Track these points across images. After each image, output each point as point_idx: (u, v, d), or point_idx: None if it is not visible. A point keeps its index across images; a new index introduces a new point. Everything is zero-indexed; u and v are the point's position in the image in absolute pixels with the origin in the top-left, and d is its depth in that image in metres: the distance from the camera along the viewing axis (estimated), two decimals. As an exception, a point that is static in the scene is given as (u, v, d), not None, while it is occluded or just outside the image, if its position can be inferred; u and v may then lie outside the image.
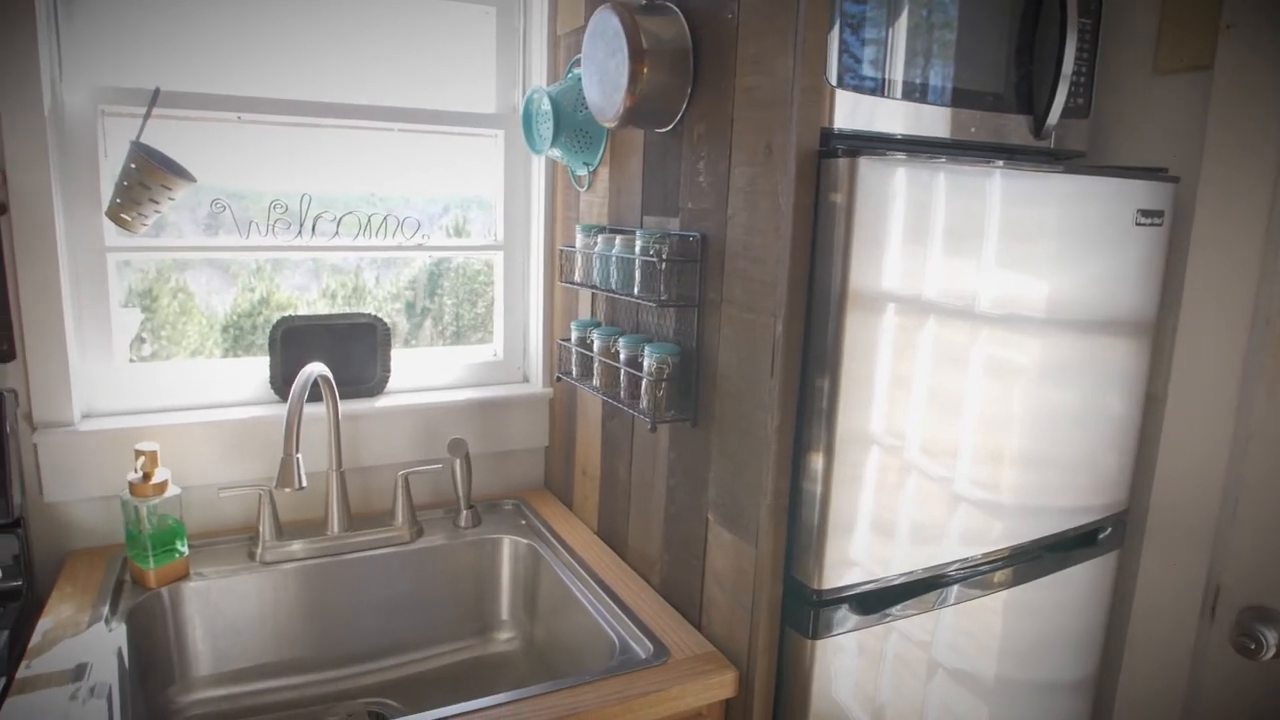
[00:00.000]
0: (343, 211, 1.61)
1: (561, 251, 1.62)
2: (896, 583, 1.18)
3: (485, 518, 1.67)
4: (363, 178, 1.65)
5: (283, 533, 1.47)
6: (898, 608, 1.18)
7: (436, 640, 1.56)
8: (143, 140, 1.35)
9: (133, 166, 1.32)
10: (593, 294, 1.58)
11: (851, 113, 1.08)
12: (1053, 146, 1.30)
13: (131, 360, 1.53)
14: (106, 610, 1.25)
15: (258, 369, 1.59)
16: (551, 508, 1.73)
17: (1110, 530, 1.41)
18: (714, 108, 1.19)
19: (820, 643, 1.13)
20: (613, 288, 1.38)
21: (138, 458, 1.32)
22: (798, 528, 1.13)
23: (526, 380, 1.84)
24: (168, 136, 1.41)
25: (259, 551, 1.44)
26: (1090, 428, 1.33)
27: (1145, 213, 1.29)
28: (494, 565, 1.61)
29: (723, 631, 1.23)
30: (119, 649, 1.16)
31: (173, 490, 1.35)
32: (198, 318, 1.62)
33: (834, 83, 1.06)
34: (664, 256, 1.24)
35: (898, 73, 1.12)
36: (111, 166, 1.40)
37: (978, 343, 1.17)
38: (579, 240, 1.50)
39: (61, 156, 1.37)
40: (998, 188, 1.13)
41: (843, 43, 1.06)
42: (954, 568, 1.23)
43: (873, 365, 1.08)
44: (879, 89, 1.11)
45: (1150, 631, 1.43)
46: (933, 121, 1.17)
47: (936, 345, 1.13)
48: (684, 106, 1.25)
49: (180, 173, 1.37)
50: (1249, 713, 1.30)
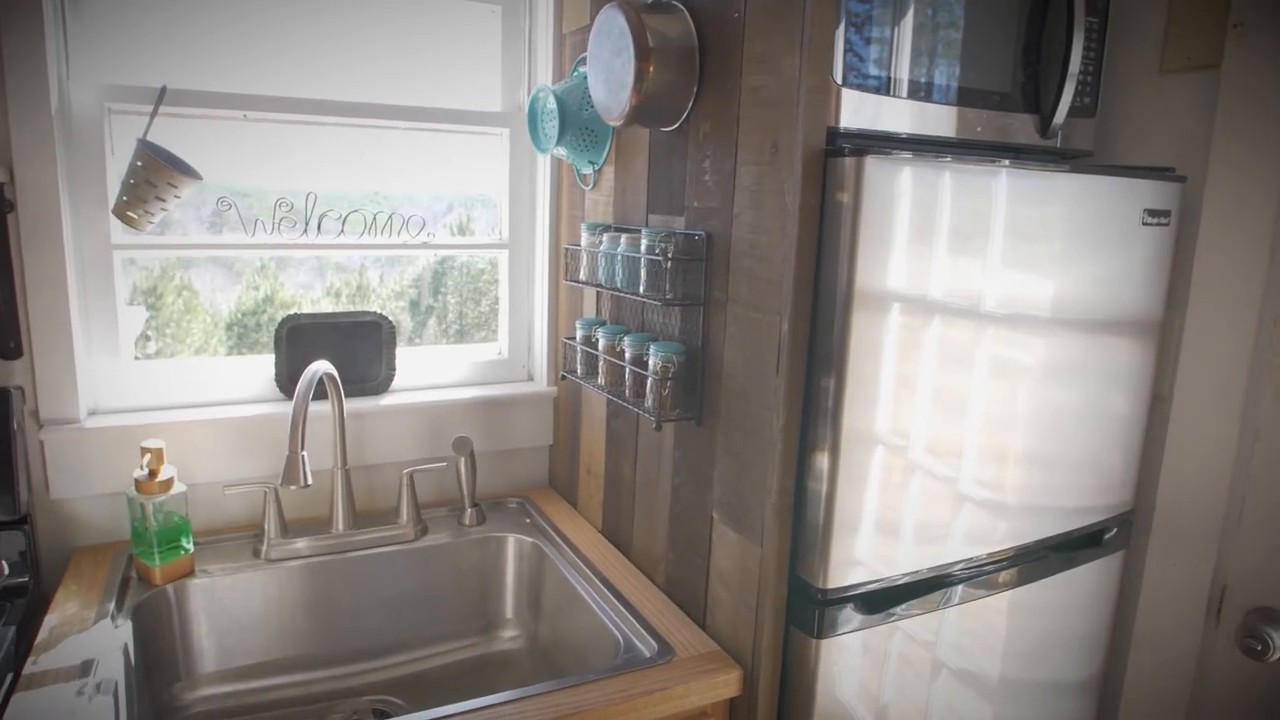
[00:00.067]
0: (348, 210, 1.61)
1: (566, 250, 1.62)
2: (901, 582, 1.18)
3: (490, 516, 1.67)
4: (368, 176, 1.65)
5: (288, 530, 1.48)
6: (902, 607, 1.18)
7: (441, 638, 1.56)
8: (149, 138, 1.35)
9: (139, 164, 1.32)
10: (598, 293, 1.58)
11: (857, 112, 1.08)
12: (1059, 146, 1.30)
13: (136, 358, 1.54)
14: (112, 607, 1.25)
15: (262, 367, 1.59)
16: (556, 506, 1.74)
17: (1115, 530, 1.40)
18: (720, 107, 1.19)
19: (825, 642, 1.13)
20: (618, 286, 1.38)
21: (143, 455, 1.33)
22: (803, 527, 1.13)
23: (531, 379, 1.84)
24: (174, 134, 1.41)
25: (264, 549, 1.44)
26: (1096, 428, 1.33)
27: (1152, 212, 1.28)
28: (498, 563, 1.61)
29: (727, 630, 1.23)
30: (125, 645, 1.16)
31: (178, 487, 1.35)
32: (202, 315, 1.63)
33: (839, 82, 1.06)
34: (669, 255, 1.24)
35: (903, 71, 1.12)
36: (118, 164, 1.40)
37: (983, 342, 1.17)
38: (584, 239, 1.50)
39: (68, 154, 1.37)
40: (1004, 187, 1.13)
41: (848, 41, 1.06)
42: (959, 567, 1.23)
43: (878, 364, 1.08)
44: (884, 88, 1.11)
45: (1155, 632, 1.42)
46: (938, 121, 1.17)
47: (942, 345, 1.13)
48: (690, 105, 1.25)
49: (187, 171, 1.38)
50: (1254, 714, 1.30)
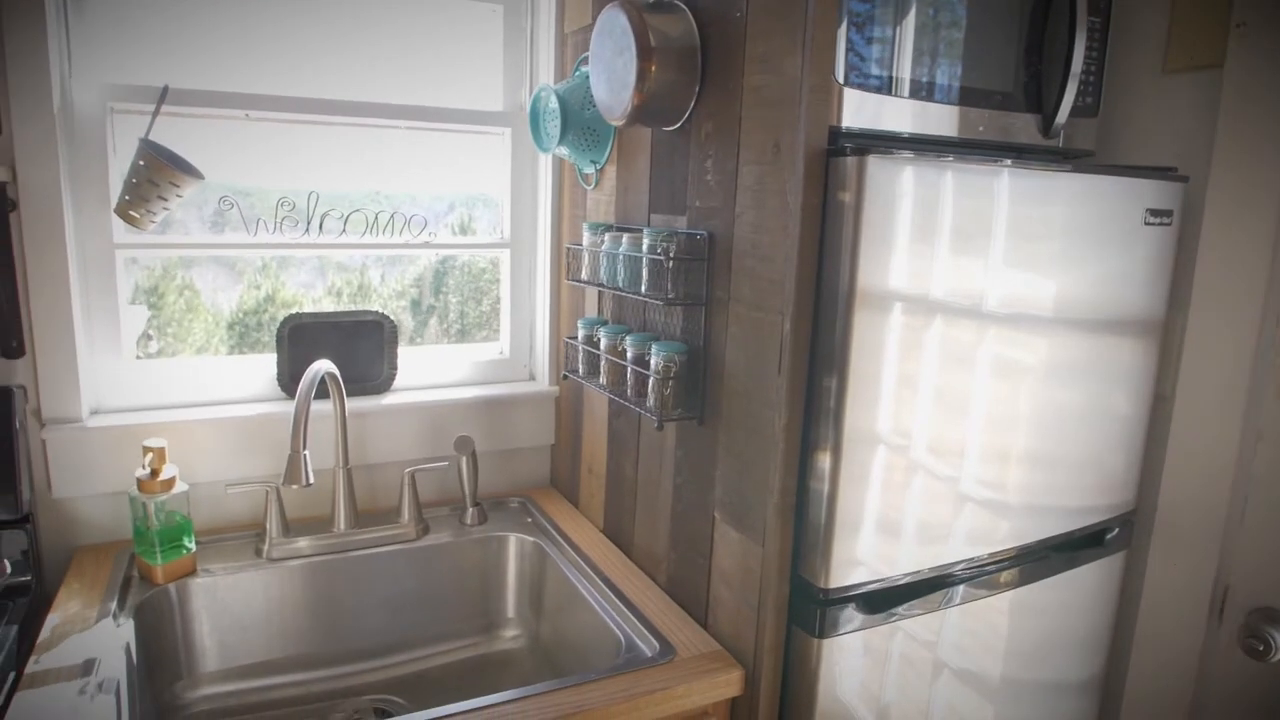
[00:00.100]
0: (350, 209, 1.61)
1: (568, 249, 1.62)
2: (903, 582, 1.18)
3: (491, 515, 1.67)
4: (369, 175, 1.66)
5: (289, 529, 1.48)
6: (904, 607, 1.18)
7: (442, 637, 1.56)
8: (151, 138, 1.35)
9: (141, 164, 1.32)
10: (599, 292, 1.58)
11: (858, 111, 1.08)
12: (1061, 146, 1.29)
13: (138, 357, 1.54)
14: (114, 606, 1.25)
15: (264, 366, 1.59)
16: (557, 506, 1.74)
17: (1117, 530, 1.40)
18: (722, 106, 1.19)
19: (827, 642, 1.13)
20: (620, 286, 1.38)
21: (146, 454, 1.33)
22: (805, 527, 1.13)
23: (533, 378, 1.84)
24: (176, 134, 1.41)
25: (266, 548, 1.44)
26: (1098, 427, 1.32)
27: (1154, 212, 1.28)
28: (500, 563, 1.61)
29: (729, 630, 1.23)
30: (127, 644, 1.16)
31: (180, 486, 1.35)
32: (203, 315, 1.63)
33: (841, 81, 1.06)
34: (671, 255, 1.24)
35: (905, 71, 1.12)
36: (120, 164, 1.41)
37: (985, 342, 1.17)
38: (586, 238, 1.50)
39: (71, 154, 1.37)
40: (1006, 187, 1.13)
41: (849, 41, 1.06)
42: (960, 567, 1.23)
43: (880, 364, 1.08)
44: (886, 87, 1.11)
45: (1157, 632, 1.42)
46: (940, 120, 1.17)
47: (944, 344, 1.13)
48: (692, 105, 1.25)
49: (189, 170, 1.38)
50: (1257, 715, 1.30)
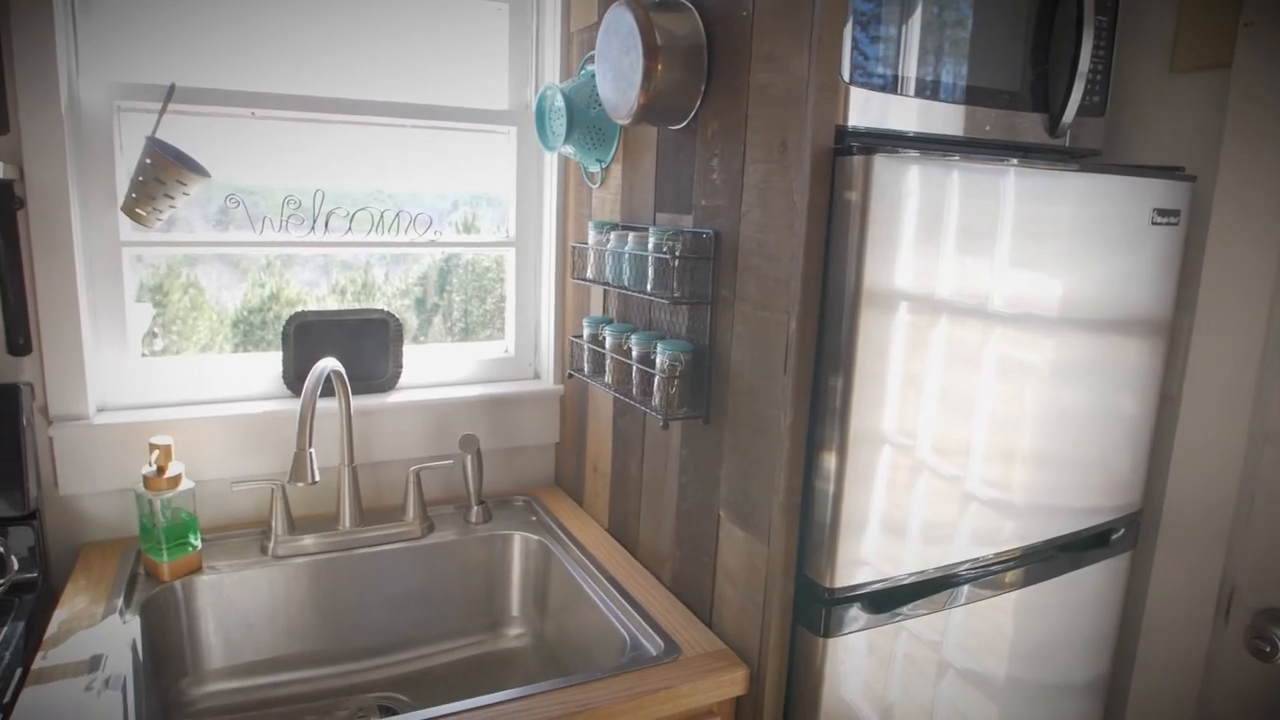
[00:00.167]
0: (355, 207, 1.61)
1: (574, 248, 1.62)
2: (907, 582, 1.18)
3: (496, 514, 1.67)
4: (375, 174, 1.66)
5: (295, 527, 1.48)
6: (908, 607, 1.18)
7: (447, 635, 1.56)
8: (158, 136, 1.36)
9: (148, 162, 1.32)
10: (605, 291, 1.58)
11: (864, 110, 1.08)
12: (1068, 145, 1.29)
13: (144, 355, 1.54)
14: (121, 602, 1.26)
15: (269, 364, 1.60)
16: (562, 504, 1.74)
17: (1123, 531, 1.40)
18: (728, 105, 1.19)
19: (831, 641, 1.12)
20: (625, 284, 1.38)
21: (152, 451, 1.33)
22: (810, 526, 1.13)
23: (538, 377, 1.84)
24: (182, 132, 1.42)
25: (271, 545, 1.45)
26: (1103, 427, 1.32)
27: (1161, 212, 1.28)
28: (504, 561, 1.61)
29: (734, 629, 1.23)
30: (133, 641, 1.17)
31: (186, 484, 1.36)
32: (208, 313, 1.63)
33: (847, 80, 1.06)
34: (677, 253, 1.24)
35: (911, 70, 1.12)
36: (127, 162, 1.41)
37: (991, 342, 1.16)
38: (591, 237, 1.50)
39: (78, 152, 1.38)
40: (1012, 186, 1.12)
41: (855, 40, 1.05)
42: (965, 567, 1.23)
43: (886, 363, 1.08)
44: (892, 86, 1.10)
45: (1163, 633, 1.42)
46: (946, 119, 1.17)
47: (950, 344, 1.13)
48: (698, 103, 1.24)
49: (195, 168, 1.38)
50: (1263, 716, 1.29)
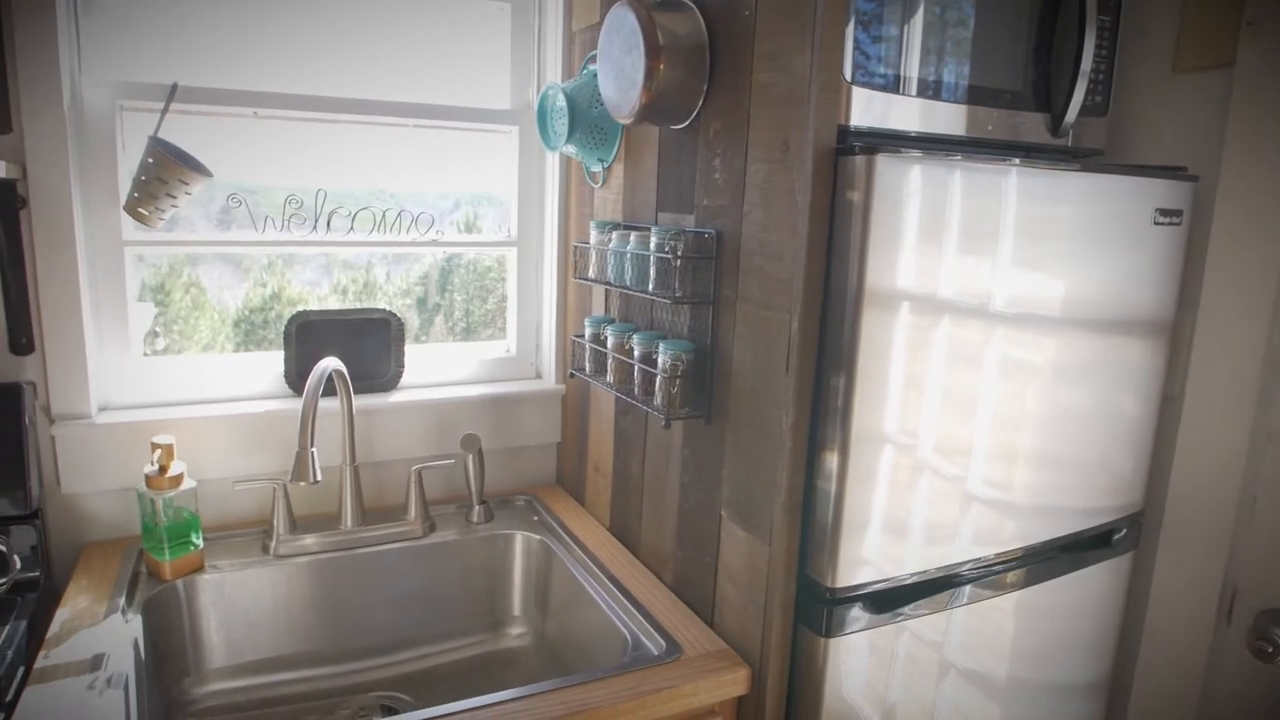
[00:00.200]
0: (357, 207, 1.61)
1: (575, 248, 1.62)
2: (909, 582, 1.18)
3: (497, 513, 1.67)
4: (377, 173, 1.66)
5: (296, 526, 1.48)
6: (910, 607, 1.18)
7: (448, 635, 1.56)
8: (160, 135, 1.35)
9: (150, 161, 1.32)
10: (606, 290, 1.58)
11: (866, 110, 1.08)
12: (1070, 145, 1.29)
13: (145, 354, 1.54)
14: (123, 601, 1.26)
15: (271, 363, 1.60)
16: (563, 504, 1.74)
17: (1125, 531, 1.40)
18: (730, 104, 1.19)
19: (833, 641, 1.12)
20: (627, 284, 1.38)
21: (154, 450, 1.33)
22: (812, 526, 1.13)
23: (539, 376, 1.84)
24: (185, 131, 1.41)
25: (273, 545, 1.45)
26: (1105, 428, 1.32)
27: (1164, 212, 1.28)
28: (506, 561, 1.61)
29: (735, 629, 1.23)
30: (135, 640, 1.17)
31: (188, 483, 1.36)
32: (210, 312, 1.63)
33: (849, 79, 1.06)
34: (679, 253, 1.24)
35: (913, 69, 1.11)
36: (129, 161, 1.41)
37: (993, 342, 1.16)
38: (593, 236, 1.50)
39: (80, 151, 1.38)
40: (1014, 186, 1.12)
41: (857, 39, 1.05)
42: (967, 568, 1.23)
43: (888, 363, 1.08)
44: (894, 86, 1.10)
45: (1165, 634, 1.42)
46: (948, 119, 1.16)
47: (952, 344, 1.13)
48: (700, 103, 1.24)
49: (197, 167, 1.38)
50: (1264, 717, 1.29)
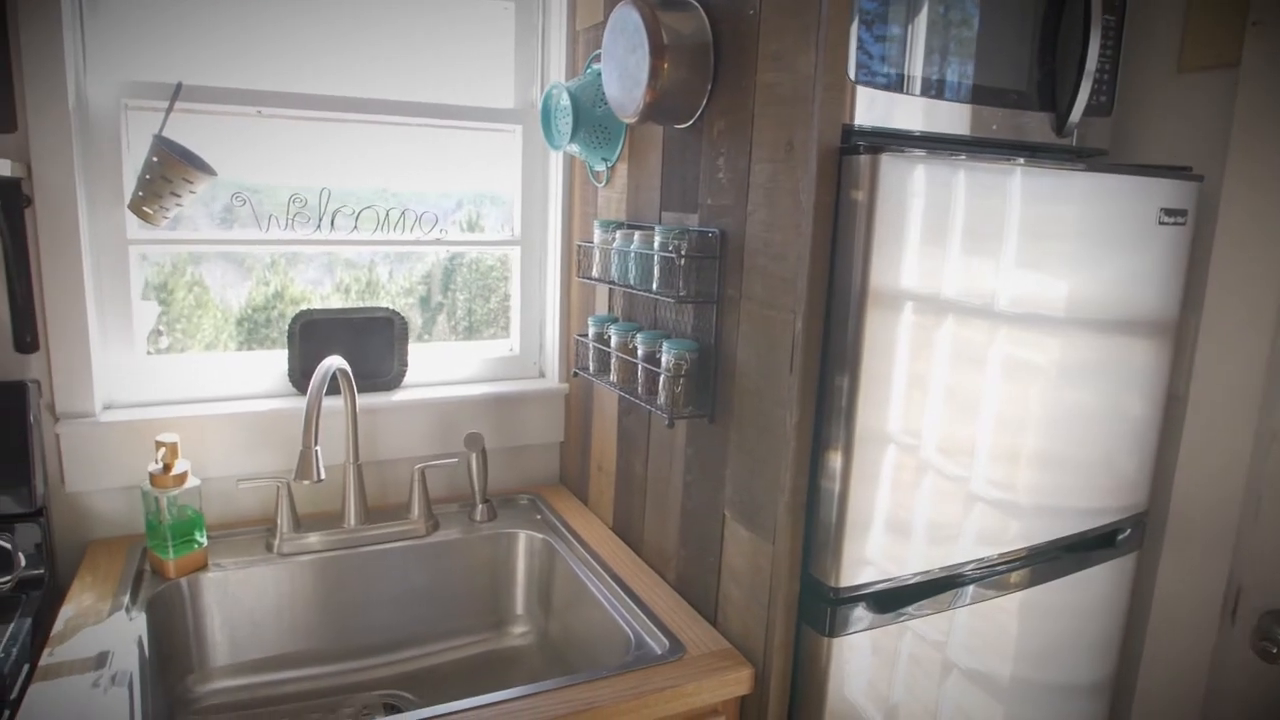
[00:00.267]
0: (361, 206, 1.61)
1: (579, 247, 1.62)
2: (913, 582, 1.17)
3: (501, 512, 1.67)
4: (381, 172, 1.66)
5: (300, 525, 1.48)
6: (913, 607, 1.18)
7: (451, 633, 1.56)
8: (165, 134, 1.36)
9: (155, 160, 1.33)
10: (610, 289, 1.58)
11: (869, 109, 1.08)
12: (1075, 144, 1.29)
13: (149, 353, 1.54)
14: (127, 599, 1.26)
15: (275, 362, 1.60)
16: (567, 503, 1.74)
17: (1129, 531, 1.40)
18: (735, 104, 1.19)
19: (836, 641, 1.12)
20: (631, 283, 1.38)
21: (158, 449, 1.33)
22: (815, 525, 1.13)
23: (543, 375, 1.84)
24: (189, 130, 1.42)
25: (276, 543, 1.45)
26: (1110, 428, 1.32)
27: (1168, 211, 1.27)
28: (509, 560, 1.61)
29: (739, 628, 1.23)
30: (139, 638, 1.17)
31: (192, 481, 1.36)
32: (213, 311, 1.63)
33: (853, 78, 1.06)
34: (683, 252, 1.24)
35: (917, 69, 1.11)
36: (134, 160, 1.41)
37: (997, 342, 1.16)
38: (597, 236, 1.50)
39: (85, 150, 1.38)
40: (1018, 186, 1.12)
41: (860, 38, 1.05)
42: (970, 568, 1.23)
43: (892, 363, 1.08)
44: (898, 85, 1.10)
45: (1169, 634, 1.42)
46: (952, 118, 1.16)
47: (956, 344, 1.12)
48: (704, 102, 1.24)
49: (201, 166, 1.38)
50: (1268, 718, 1.29)
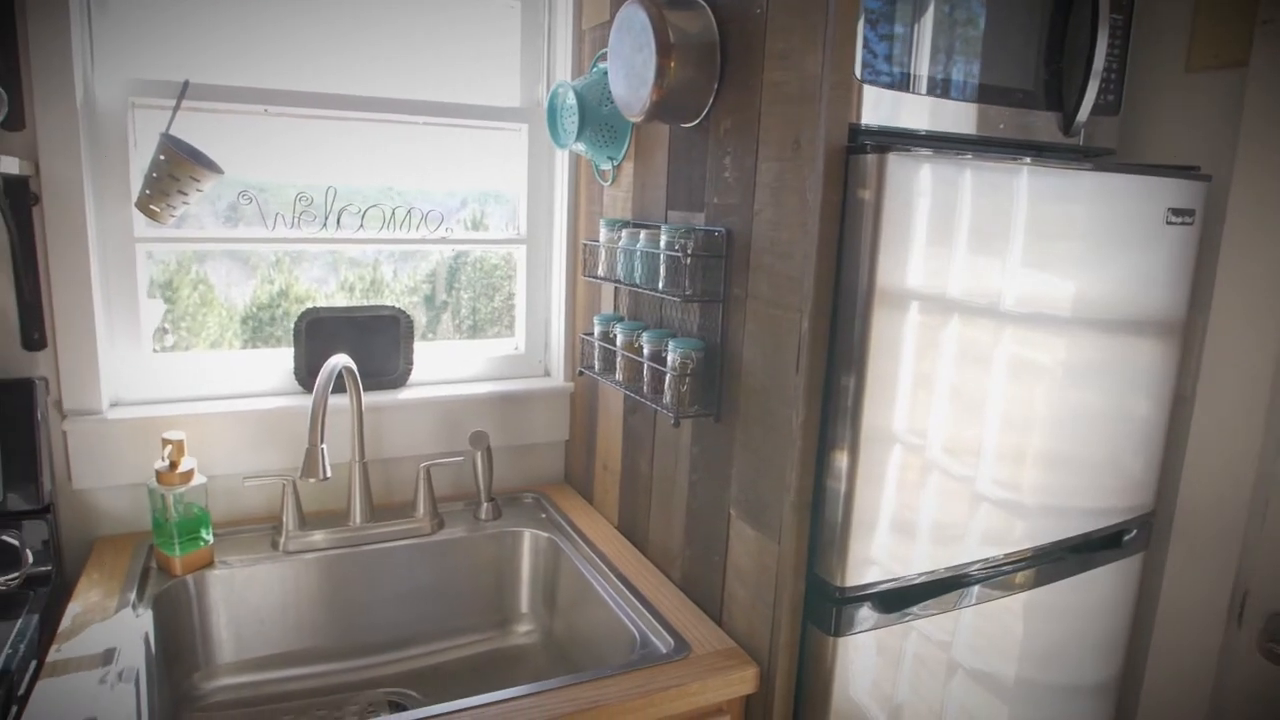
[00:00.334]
0: (367, 204, 1.61)
1: (585, 246, 1.62)
2: (918, 582, 1.17)
3: (506, 511, 1.67)
4: (387, 171, 1.66)
5: (306, 522, 1.48)
6: (919, 607, 1.18)
7: (456, 632, 1.56)
8: (172, 132, 1.36)
9: (162, 158, 1.33)
10: (616, 288, 1.58)
11: (876, 108, 1.08)
12: (1082, 144, 1.28)
13: (155, 350, 1.55)
14: (133, 596, 1.26)
15: (280, 360, 1.60)
16: (572, 501, 1.74)
17: (1135, 532, 1.39)
18: (741, 103, 1.19)
19: (842, 640, 1.12)
20: (636, 282, 1.38)
21: (165, 446, 1.34)
22: (821, 525, 1.13)
23: (548, 374, 1.85)
24: (196, 128, 1.42)
25: (282, 541, 1.45)
26: (1116, 428, 1.32)
27: (1176, 211, 1.27)
28: (514, 558, 1.62)
29: (744, 627, 1.23)
30: (146, 634, 1.17)
31: (198, 479, 1.36)
32: (218, 309, 1.64)
33: (859, 77, 1.05)
34: (689, 251, 1.24)
35: (923, 68, 1.11)
36: (141, 158, 1.42)
37: (1003, 342, 1.16)
38: (603, 234, 1.50)
39: (92, 148, 1.38)
40: (1025, 185, 1.12)
41: (866, 37, 1.05)
42: (976, 568, 1.22)
43: (898, 363, 1.07)
44: (904, 84, 1.10)
45: (1175, 636, 1.41)
46: (959, 117, 1.16)
47: (962, 344, 1.12)
48: (710, 101, 1.24)
49: (208, 164, 1.39)
50: None
